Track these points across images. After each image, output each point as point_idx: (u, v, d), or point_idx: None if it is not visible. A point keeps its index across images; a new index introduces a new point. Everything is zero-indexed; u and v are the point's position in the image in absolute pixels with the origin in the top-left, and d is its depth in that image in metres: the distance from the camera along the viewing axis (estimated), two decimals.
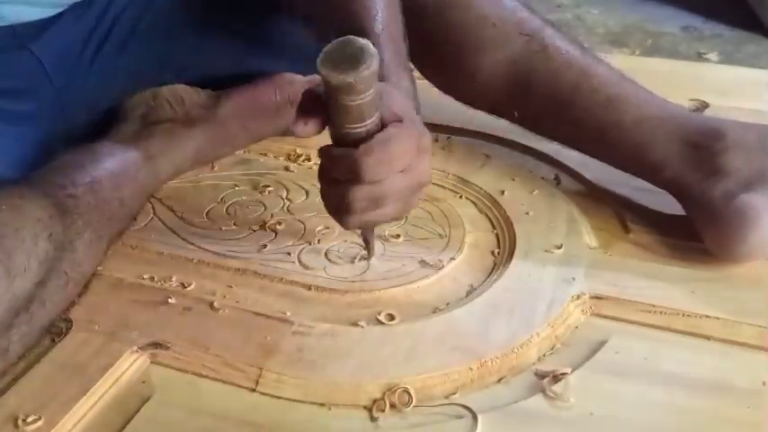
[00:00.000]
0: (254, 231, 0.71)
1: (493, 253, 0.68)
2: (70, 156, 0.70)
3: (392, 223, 0.70)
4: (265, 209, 0.74)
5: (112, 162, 0.69)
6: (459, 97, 0.80)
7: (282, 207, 0.74)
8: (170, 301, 0.61)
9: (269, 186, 0.77)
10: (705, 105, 0.92)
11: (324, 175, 0.58)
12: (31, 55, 0.70)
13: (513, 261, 0.65)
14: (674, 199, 0.69)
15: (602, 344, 0.57)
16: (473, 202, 0.75)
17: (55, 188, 0.61)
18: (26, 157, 0.70)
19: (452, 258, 0.66)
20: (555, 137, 0.77)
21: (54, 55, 0.72)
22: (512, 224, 0.70)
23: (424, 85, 0.78)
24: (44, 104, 0.71)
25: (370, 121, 0.54)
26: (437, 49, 0.76)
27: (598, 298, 0.61)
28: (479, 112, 0.80)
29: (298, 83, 0.85)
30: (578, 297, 0.61)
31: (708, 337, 0.58)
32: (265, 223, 0.71)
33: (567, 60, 0.73)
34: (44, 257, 0.56)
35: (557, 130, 0.75)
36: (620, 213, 0.72)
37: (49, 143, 0.72)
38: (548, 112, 0.74)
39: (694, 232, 0.66)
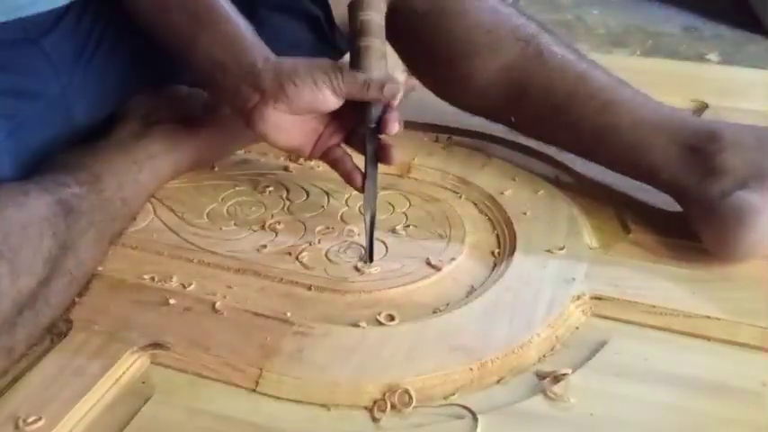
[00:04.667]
0: (254, 231, 0.71)
1: (493, 253, 0.68)
2: (72, 155, 0.70)
3: (395, 222, 0.70)
4: (265, 209, 0.74)
5: (115, 162, 0.69)
6: (455, 103, 0.80)
7: (282, 207, 0.74)
8: (170, 301, 0.61)
9: (269, 186, 0.77)
10: (705, 106, 0.92)
11: None
12: (41, 51, 0.71)
13: (514, 261, 0.65)
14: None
15: (602, 344, 0.57)
16: (474, 203, 0.75)
17: (59, 186, 0.62)
18: (32, 157, 0.70)
19: (452, 259, 0.66)
20: (552, 141, 0.77)
21: (61, 52, 0.72)
22: (512, 224, 0.70)
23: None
24: (51, 104, 0.71)
25: None
26: (433, 55, 0.76)
27: (598, 298, 0.61)
28: None
29: None
30: (578, 297, 0.61)
31: (708, 338, 0.58)
32: (265, 223, 0.71)
33: (562, 65, 0.73)
34: (48, 256, 0.57)
35: (553, 134, 0.76)
36: (620, 213, 0.72)
37: (54, 143, 0.72)
38: (544, 116, 0.74)
39: (694, 232, 0.67)
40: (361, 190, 0.68)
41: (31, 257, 0.55)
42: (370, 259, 0.66)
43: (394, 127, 0.64)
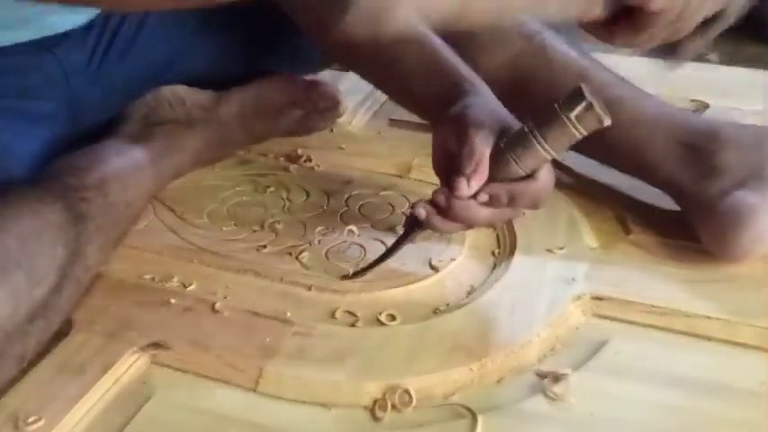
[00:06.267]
0: (255, 231, 0.71)
1: (493, 253, 0.68)
2: (76, 157, 0.70)
3: (395, 222, 0.70)
4: (266, 209, 0.74)
5: (118, 164, 0.69)
6: None
7: (283, 207, 0.74)
8: (170, 301, 0.61)
9: (269, 186, 0.77)
10: (705, 106, 0.92)
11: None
12: (54, 57, 0.71)
13: (514, 261, 0.65)
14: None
15: (602, 344, 0.57)
16: None
17: (68, 190, 0.61)
18: (39, 157, 0.70)
19: (453, 259, 0.66)
20: None
21: (72, 58, 0.72)
22: (512, 224, 0.70)
23: None
24: (60, 106, 0.72)
25: None
26: None
27: (599, 298, 0.61)
28: None
29: (298, 83, 0.85)
30: (579, 297, 0.61)
31: (708, 338, 0.58)
32: (265, 223, 0.71)
33: (565, 62, 0.74)
34: (60, 263, 0.56)
35: None
36: (620, 213, 0.72)
37: (59, 144, 0.72)
38: None
39: (694, 232, 0.67)
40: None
41: (45, 266, 0.55)
42: (361, 273, 0.65)
43: (440, 199, 0.61)
